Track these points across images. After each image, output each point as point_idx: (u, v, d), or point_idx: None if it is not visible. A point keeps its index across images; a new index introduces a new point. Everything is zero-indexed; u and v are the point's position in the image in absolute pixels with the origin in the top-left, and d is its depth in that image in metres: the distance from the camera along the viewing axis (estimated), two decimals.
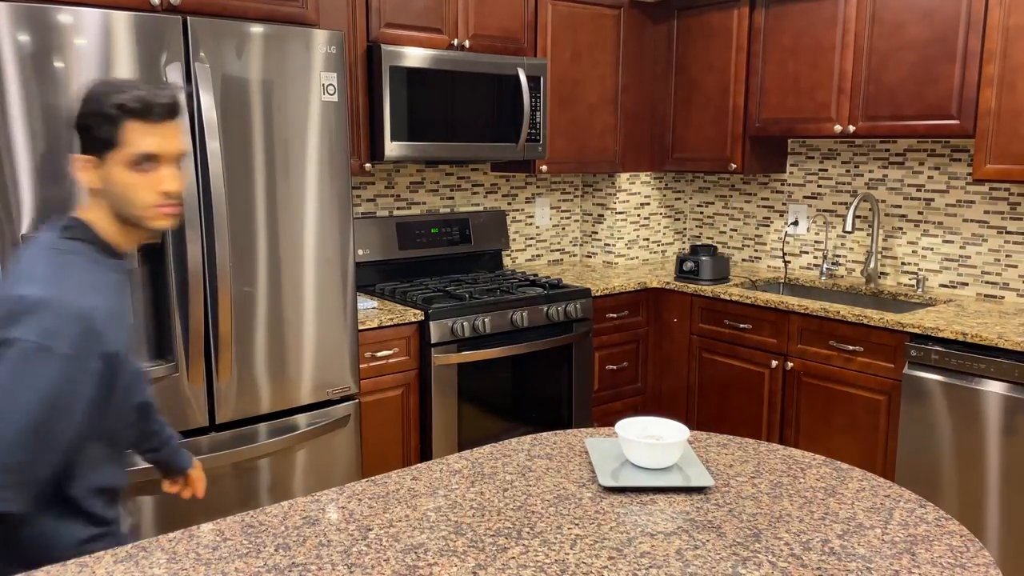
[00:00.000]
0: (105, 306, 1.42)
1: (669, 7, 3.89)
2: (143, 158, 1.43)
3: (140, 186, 1.44)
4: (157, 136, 1.43)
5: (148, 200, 1.45)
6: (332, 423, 2.63)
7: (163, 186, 1.45)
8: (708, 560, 1.12)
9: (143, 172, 1.44)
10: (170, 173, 1.46)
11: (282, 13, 2.50)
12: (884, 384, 2.93)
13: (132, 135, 1.42)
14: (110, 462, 1.48)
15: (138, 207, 1.45)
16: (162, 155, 1.44)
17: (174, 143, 1.46)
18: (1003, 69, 2.80)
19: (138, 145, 1.42)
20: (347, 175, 2.57)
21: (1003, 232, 3.21)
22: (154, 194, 1.45)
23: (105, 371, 1.39)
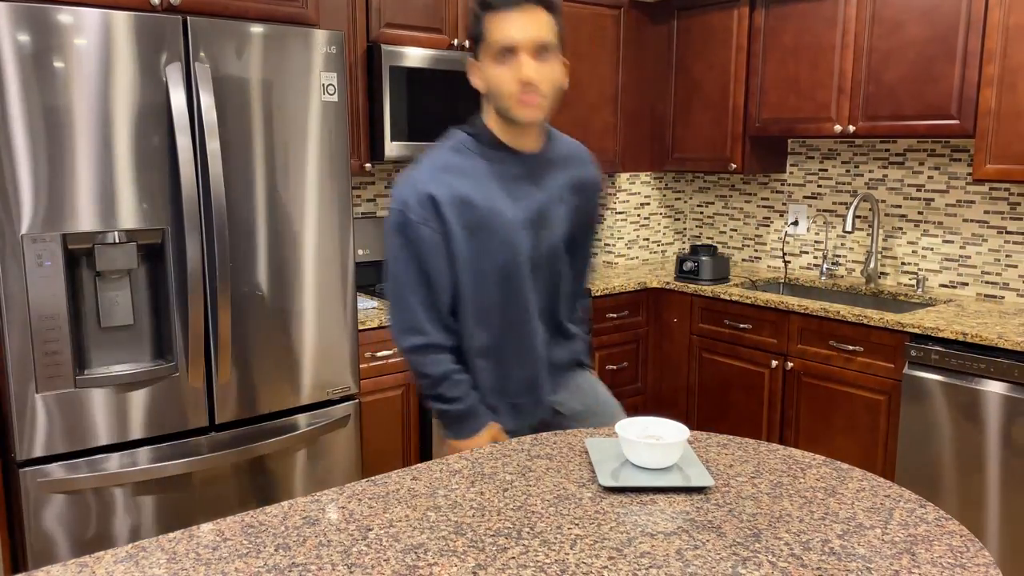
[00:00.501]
0: (451, 187, 1.59)
1: (669, 7, 3.89)
2: (500, 49, 1.52)
3: (502, 77, 1.54)
4: (510, 26, 1.51)
5: (509, 89, 1.54)
6: (332, 423, 2.63)
7: (520, 74, 1.52)
8: (708, 560, 1.12)
9: (503, 63, 1.54)
10: (526, 61, 1.52)
11: (282, 13, 2.50)
12: (884, 384, 2.93)
13: (490, 27, 1.53)
14: (480, 326, 1.66)
15: (503, 97, 1.56)
16: (518, 44, 1.52)
17: (528, 31, 1.51)
18: (1003, 69, 2.80)
19: (494, 36, 1.53)
20: (347, 175, 2.57)
21: (1003, 232, 3.21)
22: (514, 83, 1.53)
23: (445, 241, 1.59)
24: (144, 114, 2.17)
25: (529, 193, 1.65)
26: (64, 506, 2.18)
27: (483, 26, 1.55)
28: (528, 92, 1.54)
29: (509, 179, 1.63)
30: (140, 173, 2.19)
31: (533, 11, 1.52)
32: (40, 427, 2.13)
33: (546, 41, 1.54)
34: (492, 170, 1.63)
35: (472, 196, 1.60)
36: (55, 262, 2.09)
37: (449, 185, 1.59)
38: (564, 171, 1.72)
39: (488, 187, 1.61)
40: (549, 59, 1.56)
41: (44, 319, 2.09)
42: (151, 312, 2.30)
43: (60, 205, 2.09)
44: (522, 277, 1.66)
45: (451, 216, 1.58)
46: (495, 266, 1.63)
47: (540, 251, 1.67)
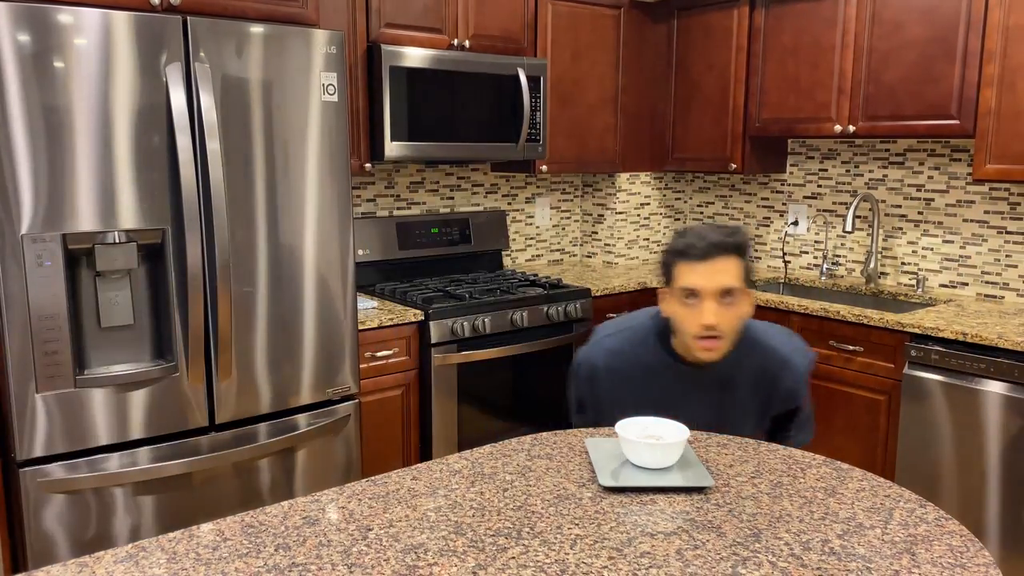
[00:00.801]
0: (611, 367, 1.79)
1: (669, 7, 3.89)
2: (685, 293, 1.65)
3: (686, 319, 1.66)
4: (697, 275, 1.63)
5: (691, 331, 1.66)
6: (332, 423, 2.63)
7: (702, 319, 1.63)
8: (708, 560, 1.12)
9: (687, 306, 1.66)
10: (709, 307, 1.63)
11: (282, 13, 2.50)
12: (884, 384, 2.93)
13: (678, 273, 1.67)
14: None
15: (685, 336, 1.68)
16: (702, 292, 1.63)
17: (714, 281, 1.62)
18: (1003, 69, 2.80)
19: (680, 282, 1.66)
20: (347, 175, 2.57)
21: (1003, 232, 3.21)
22: (696, 326, 1.64)
23: (593, 407, 1.84)
24: (144, 114, 2.17)
25: (697, 404, 1.78)
26: (64, 506, 2.18)
27: (672, 270, 1.68)
28: (707, 338, 1.65)
29: (678, 388, 1.78)
30: (140, 173, 2.19)
31: (721, 260, 1.63)
32: (40, 427, 2.13)
33: (730, 287, 1.64)
34: (659, 372, 1.78)
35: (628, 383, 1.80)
36: (55, 262, 2.09)
37: (611, 369, 1.81)
38: (739, 381, 1.79)
39: (641, 381, 1.79)
40: (733, 301, 1.66)
41: (44, 319, 2.09)
42: (151, 312, 2.30)
43: (60, 205, 2.09)
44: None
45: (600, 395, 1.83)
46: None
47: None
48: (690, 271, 1.63)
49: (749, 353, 1.79)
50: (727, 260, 1.63)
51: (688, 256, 1.64)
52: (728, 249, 1.64)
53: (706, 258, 1.62)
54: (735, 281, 1.64)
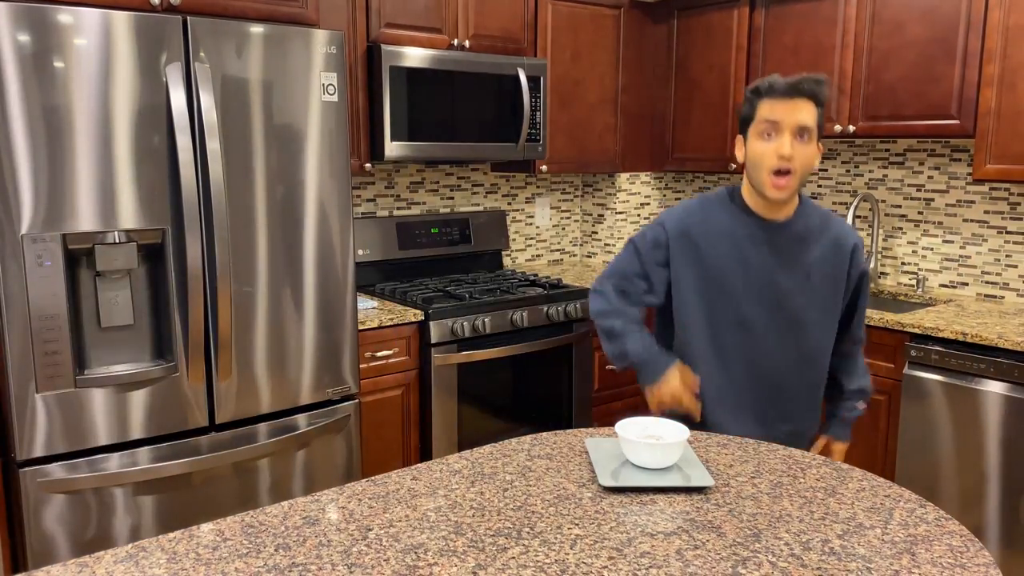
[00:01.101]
0: (688, 221, 1.86)
1: (669, 7, 3.89)
2: (766, 126, 1.74)
3: (764, 151, 1.75)
4: (780, 110, 1.72)
5: (768, 163, 1.74)
6: (332, 423, 2.63)
7: (777, 150, 1.72)
8: (708, 560, 1.12)
9: (767, 140, 1.75)
10: (787, 140, 1.72)
11: (282, 13, 2.50)
12: (884, 384, 2.93)
13: (761, 109, 1.76)
14: (712, 368, 1.87)
15: (760, 170, 1.77)
16: (782, 124, 1.72)
17: (794, 116, 1.71)
18: (1003, 69, 2.80)
19: (763, 115, 1.75)
20: (347, 175, 2.57)
21: (1003, 232, 3.21)
22: (773, 157, 1.73)
23: (670, 276, 1.88)
24: (144, 114, 2.17)
25: (767, 259, 1.83)
26: (64, 506, 2.18)
27: (755, 108, 1.77)
28: (782, 173, 1.74)
29: (747, 242, 1.84)
30: (140, 173, 2.19)
31: (802, 101, 1.73)
32: (40, 427, 2.13)
33: (807, 126, 1.73)
34: (734, 229, 1.85)
35: (700, 242, 1.86)
36: (55, 262, 2.09)
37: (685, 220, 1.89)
38: (812, 244, 1.85)
39: (719, 233, 1.85)
40: (807, 142, 1.74)
41: (44, 319, 2.09)
42: (151, 312, 2.30)
43: (60, 205, 2.09)
44: (734, 320, 1.85)
45: (675, 238, 1.87)
46: (706, 300, 1.86)
47: (761, 316, 1.84)
48: (772, 107, 1.74)
49: (822, 219, 1.88)
50: (806, 102, 1.73)
51: (771, 93, 1.74)
52: (807, 92, 1.74)
53: (788, 96, 1.73)
54: (811, 121, 1.73)
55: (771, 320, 1.84)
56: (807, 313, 1.85)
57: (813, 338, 1.88)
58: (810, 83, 1.74)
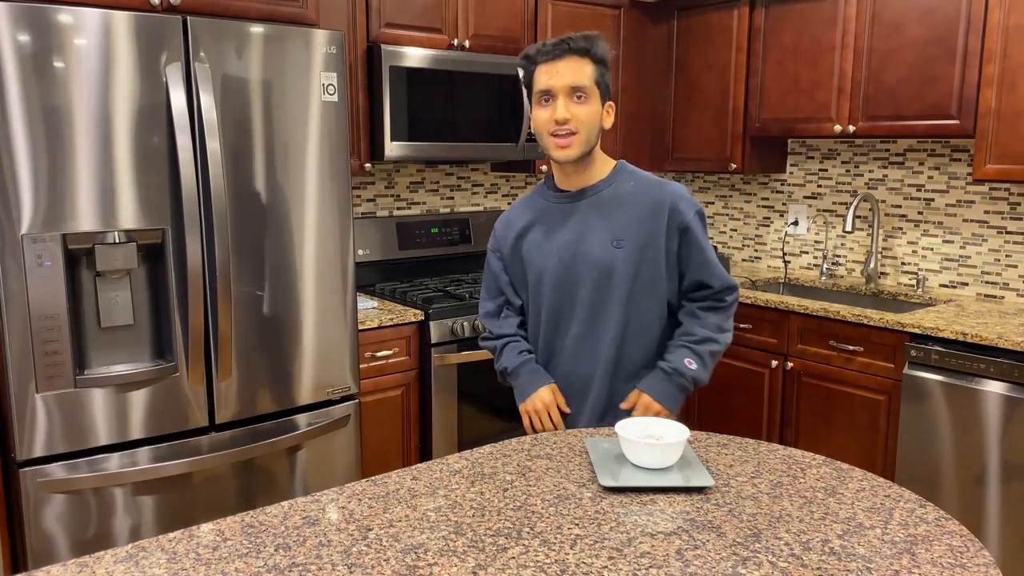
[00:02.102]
0: (510, 219, 1.93)
1: (669, 7, 3.89)
2: (541, 95, 1.74)
3: (541, 118, 1.76)
4: (549, 74, 1.72)
5: (546, 128, 1.75)
6: (332, 423, 2.63)
7: (554, 115, 1.71)
8: (708, 560, 1.12)
9: (543, 106, 1.75)
10: (561, 104, 1.71)
11: (282, 13, 2.50)
12: (884, 384, 2.93)
13: (536, 77, 1.75)
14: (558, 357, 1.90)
15: (542, 136, 1.78)
16: (554, 89, 1.72)
17: (565, 78, 1.71)
18: (1003, 69, 2.80)
19: (537, 84, 1.75)
20: (347, 175, 2.57)
21: (1003, 232, 3.21)
22: (550, 123, 1.73)
23: (505, 266, 1.96)
24: (144, 114, 2.17)
25: (573, 228, 1.83)
26: (64, 506, 2.18)
27: (531, 76, 1.77)
28: (561, 132, 1.73)
29: (555, 216, 1.86)
30: (140, 173, 2.19)
31: (572, 60, 1.71)
32: (40, 427, 2.13)
33: (581, 85, 1.72)
34: (542, 206, 1.89)
35: (519, 226, 1.91)
36: (55, 262, 2.09)
37: (508, 219, 1.95)
38: (620, 209, 1.83)
39: (531, 219, 1.90)
40: (585, 101, 1.73)
41: (44, 319, 2.09)
42: (151, 312, 2.30)
43: (60, 205, 2.09)
44: (554, 301, 1.87)
45: (502, 242, 1.95)
46: (532, 285, 1.91)
47: (569, 279, 1.84)
48: (545, 72, 1.72)
49: (639, 184, 1.86)
50: (578, 60, 1.71)
51: (542, 56, 1.73)
52: (577, 50, 1.71)
53: (557, 57, 1.71)
54: (586, 79, 1.72)
55: (584, 295, 1.82)
56: (622, 283, 1.79)
57: (631, 310, 1.81)
58: (578, 40, 1.72)
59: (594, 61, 1.74)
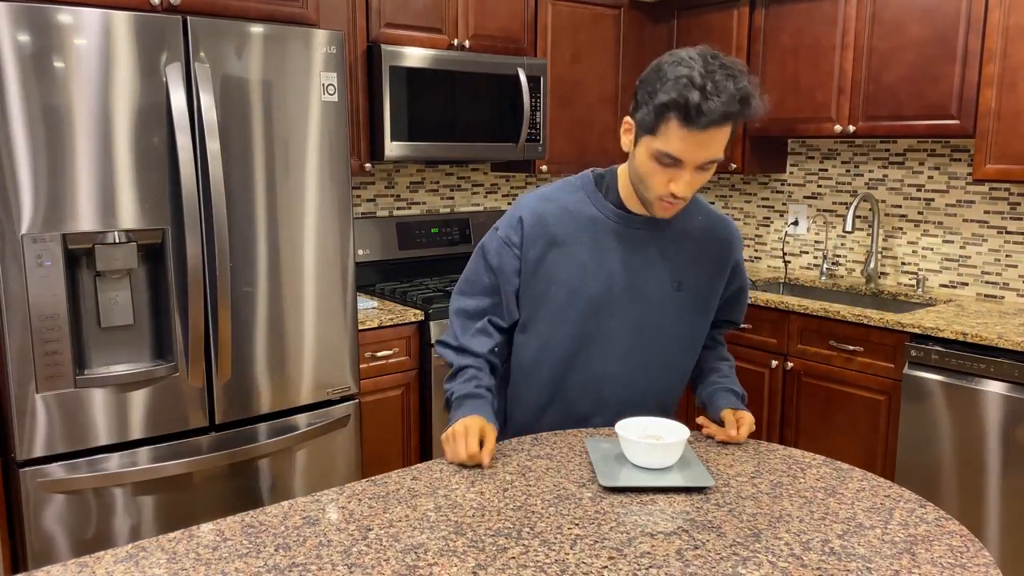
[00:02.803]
0: (544, 217, 1.59)
1: (669, 7, 3.89)
2: (666, 156, 1.42)
3: (656, 179, 1.46)
4: (690, 146, 1.39)
5: (657, 192, 1.47)
6: (332, 423, 2.63)
7: (672, 187, 1.44)
8: (708, 560, 1.12)
9: (663, 165, 1.44)
10: (685, 178, 1.43)
11: (282, 13, 2.50)
12: (884, 384, 2.93)
13: (668, 133, 1.39)
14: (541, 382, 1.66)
15: (647, 191, 1.49)
16: (685, 160, 1.41)
17: (704, 152, 1.40)
18: (1003, 69, 2.80)
19: (667, 146, 1.40)
20: (347, 175, 2.57)
21: (1003, 232, 3.21)
22: (664, 188, 1.46)
23: (521, 268, 1.61)
24: (144, 114, 2.17)
25: (631, 261, 1.59)
26: (64, 506, 2.18)
27: (662, 124, 1.39)
28: (674, 202, 1.48)
29: (610, 237, 1.58)
30: (140, 173, 2.19)
31: (720, 131, 1.39)
32: (40, 427, 2.13)
33: (716, 159, 1.44)
34: (596, 220, 1.59)
35: (558, 232, 1.59)
36: (55, 262, 2.09)
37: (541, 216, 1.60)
38: (689, 245, 1.62)
39: (575, 229, 1.59)
40: (709, 169, 1.46)
41: (44, 319, 2.09)
42: (151, 312, 2.30)
43: (60, 205, 2.09)
44: (581, 332, 1.61)
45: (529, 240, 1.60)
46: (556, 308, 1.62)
47: (611, 311, 1.60)
48: (683, 138, 1.38)
49: (697, 211, 1.65)
50: (725, 129, 1.40)
51: (690, 122, 1.36)
52: (734, 119, 1.40)
53: (707, 128, 1.37)
54: (722, 150, 1.43)
55: (622, 335, 1.61)
56: (670, 326, 1.63)
57: (670, 352, 1.65)
58: (744, 107, 1.39)
59: (735, 124, 1.43)
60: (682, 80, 1.36)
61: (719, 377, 1.73)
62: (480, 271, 1.68)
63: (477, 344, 1.64)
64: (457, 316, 1.69)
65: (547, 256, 1.59)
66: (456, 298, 1.71)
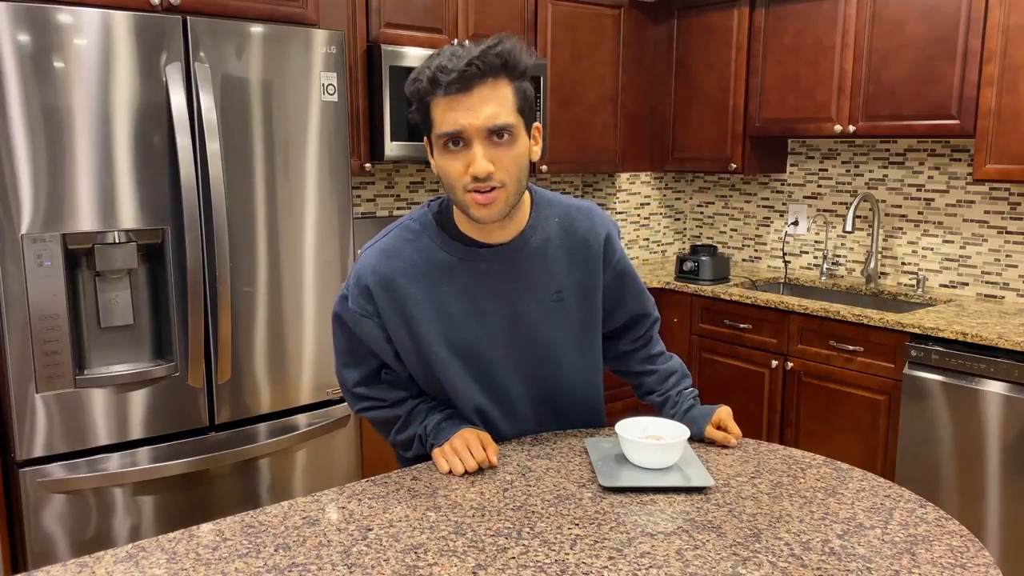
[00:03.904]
0: (386, 277, 1.42)
1: (669, 7, 3.89)
2: (447, 137, 1.28)
3: (453, 169, 1.30)
4: (459, 111, 1.26)
5: (462, 183, 1.30)
6: (332, 423, 2.63)
7: (471, 169, 1.28)
8: (708, 560, 1.12)
9: (452, 153, 1.30)
10: (478, 152, 1.27)
11: (282, 13, 2.50)
12: (884, 384, 2.93)
13: (436, 113, 1.28)
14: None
15: (457, 192, 1.32)
16: (464, 129, 1.27)
17: (479, 114, 1.25)
18: (1003, 69, 2.80)
19: (440, 125, 1.28)
20: (347, 175, 2.57)
21: (1003, 232, 3.21)
22: (466, 176, 1.29)
23: (389, 335, 1.46)
24: (144, 114, 2.17)
25: (502, 292, 1.45)
26: (64, 506, 2.18)
27: (428, 112, 1.30)
28: (483, 188, 1.29)
29: (460, 273, 1.43)
30: (140, 173, 2.19)
31: (486, 87, 1.26)
32: (40, 427, 2.13)
33: (504, 124, 1.28)
34: (444, 262, 1.42)
35: (409, 289, 1.43)
36: (55, 262, 2.09)
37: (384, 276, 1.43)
38: (557, 256, 1.49)
39: (428, 280, 1.43)
40: (510, 141, 1.30)
41: (44, 319, 2.09)
42: (151, 312, 2.30)
43: (60, 205, 2.09)
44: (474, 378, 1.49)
45: (384, 306, 1.44)
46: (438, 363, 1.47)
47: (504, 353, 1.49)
48: (448, 108, 1.26)
49: (563, 218, 1.50)
50: (493, 85, 1.26)
51: (438, 89, 1.25)
52: (495, 69, 1.26)
53: (464, 89, 1.24)
54: (507, 113, 1.28)
55: (518, 371, 1.51)
56: (562, 337, 1.51)
57: (571, 363, 1.54)
58: (490, 56, 1.25)
59: (513, 80, 1.30)
60: (423, 64, 1.31)
61: (687, 398, 1.63)
62: (351, 339, 1.51)
63: (399, 392, 1.53)
64: (360, 386, 1.54)
65: (407, 318, 1.43)
66: (344, 372, 1.56)
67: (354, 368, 1.55)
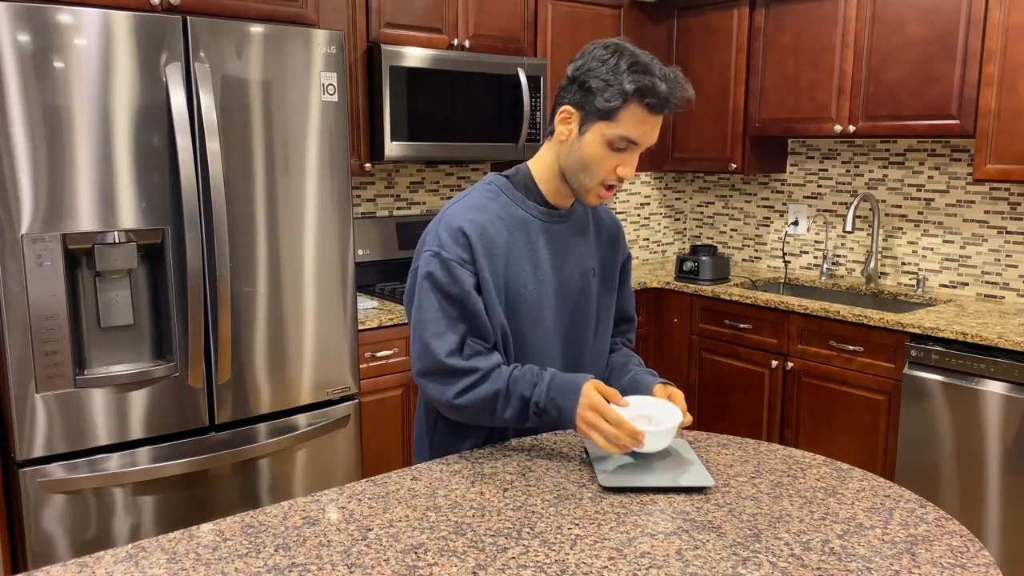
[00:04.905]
0: (482, 227, 1.50)
1: (669, 7, 3.89)
2: (624, 141, 1.45)
3: (606, 164, 1.47)
4: (651, 129, 1.45)
5: (604, 177, 1.49)
6: (332, 423, 2.63)
7: (621, 171, 1.48)
8: (708, 560, 1.12)
9: (614, 151, 1.47)
10: (633, 160, 1.49)
11: (282, 13, 2.50)
12: (884, 384, 2.93)
13: (629, 118, 1.43)
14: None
15: (592, 178, 1.50)
16: (641, 143, 1.47)
17: (655, 134, 1.47)
18: (1003, 69, 2.80)
19: (630, 130, 1.44)
20: (347, 175, 2.57)
21: (1003, 232, 3.21)
22: (611, 173, 1.48)
23: (480, 285, 1.50)
24: (144, 114, 2.17)
25: (544, 249, 1.57)
26: (64, 506, 2.18)
27: (622, 109, 1.42)
28: (615, 186, 1.51)
29: (535, 232, 1.56)
30: (140, 173, 2.19)
31: (662, 116, 1.47)
32: (40, 427, 2.13)
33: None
34: (525, 220, 1.55)
35: (499, 240, 1.52)
36: (55, 262, 2.09)
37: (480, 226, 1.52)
38: (589, 234, 1.66)
39: (511, 234, 1.53)
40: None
41: (44, 319, 2.09)
42: (151, 312, 2.30)
43: (60, 205, 2.09)
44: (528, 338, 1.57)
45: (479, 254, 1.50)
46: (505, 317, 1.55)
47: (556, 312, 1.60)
48: (643, 121, 1.44)
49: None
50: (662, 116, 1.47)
51: (651, 104, 1.42)
52: (676, 107, 1.46)
53: (663, 111, 1.44)
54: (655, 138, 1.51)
55: (559, 328, 1.60)
56: (593, 313, 1.64)
57: (599, 339, 1.67)
58: (686, 100, 1.47)
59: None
60: (638, 68, 1.42)
61: (634, 366, 1.70)
62: (442, 301, 1.49)
63: (492, 358, 1.50)
64: (453, 356, 1.48)
65: (497, 268, 1.51)
66: (436, 344, 1.48)
67: (447, 335, 1.48)
